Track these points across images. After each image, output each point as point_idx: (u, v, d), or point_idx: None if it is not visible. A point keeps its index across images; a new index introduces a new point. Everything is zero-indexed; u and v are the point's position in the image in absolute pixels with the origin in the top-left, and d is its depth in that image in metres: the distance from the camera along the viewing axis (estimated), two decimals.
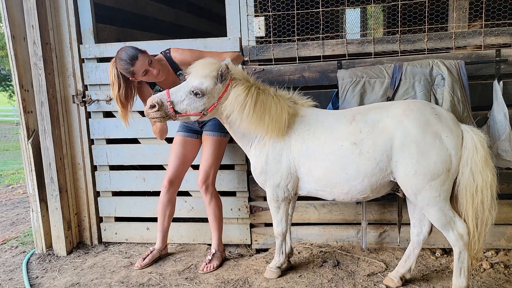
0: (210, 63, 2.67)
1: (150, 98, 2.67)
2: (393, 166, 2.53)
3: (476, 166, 2.43)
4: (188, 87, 2.65)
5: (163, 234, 3.50)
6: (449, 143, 2.45)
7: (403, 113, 2.52)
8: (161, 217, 3.43)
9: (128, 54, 2.84)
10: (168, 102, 2.63)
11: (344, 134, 2.60)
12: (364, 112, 2.66)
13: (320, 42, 3.40)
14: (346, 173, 2.60)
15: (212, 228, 3.41)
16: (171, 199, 3.41)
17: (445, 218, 2.52)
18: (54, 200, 3.72)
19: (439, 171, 2.44)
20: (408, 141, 2.46)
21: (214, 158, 3.24)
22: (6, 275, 3.42)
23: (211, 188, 3.31)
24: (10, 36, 3.52)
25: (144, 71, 2.89)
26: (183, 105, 2.66)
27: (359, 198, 2.71)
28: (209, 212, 3.37)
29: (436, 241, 3.42)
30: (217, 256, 3.36)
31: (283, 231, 2.99)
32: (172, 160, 3.32)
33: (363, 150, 2.54)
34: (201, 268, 3.27)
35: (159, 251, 3.50)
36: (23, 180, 7.23)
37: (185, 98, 2.65)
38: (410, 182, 2.49)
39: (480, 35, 3.19)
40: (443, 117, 2.51)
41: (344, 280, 3.03)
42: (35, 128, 3.72)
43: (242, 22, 3.44)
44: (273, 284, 3.01)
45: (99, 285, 3.16)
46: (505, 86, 3.08)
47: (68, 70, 3.75)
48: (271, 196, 2.88)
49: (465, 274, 2.58)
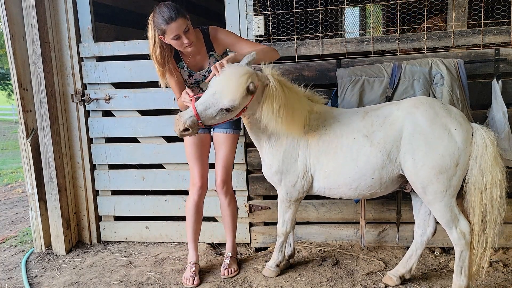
0: (240, 76, 2.43)
1: (180, 120, 2.46)
2: (401, 157, 2.51)
3: (486, 164, 2.41)
4: (219, 105, 2.46)
5: (197, 243, 3.24)
6: (458, 136, 2.42)
7: (413, 105, 2.52)
8: (196, 223, 3.18)
9: (167, 12, 2.59)
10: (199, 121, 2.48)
11: (356, 127, 2.60)
12: (376, 108, 2.67)
13: (319, 41, 3.40)
14: (357, 165, 2.58)
15: (228, 231, 3.25)
16: (203, 202, 3.20)
17: (450, 215, 2.50)
18: (53, 199, 3.72)
19: (447, 165, 2.42)
20: (416, 132, 2.46)
21: (231, 156, 3.11)
22: (5, 274, 3.42)
23: (230, 189, 3.19)
24: (9, 34, 3.51)
25: (176, 35, 2.64)
26: (215, 121, 2.53)
27: (366, 194, 2.68)
28: (226, 214, 3.21)
29: (435, 240, 3.42)
30: (234, 259, 3.25)
31: (288, 231, 2.95)
32: (195, 160, 3.07)
33: (374, 142, 2.53)
34: (222, 273, 3.14)
35: (197, 263, 3.21)
36: (22, 179, 7.22)
37: (216, 115, 2.49)
38: (418, 175, 2.47)
39: (479, 34, 3.19)
40: (453, 112, 2.51)
41: (343, 278, 3.04)
42: (34, 127, 3.71)
43: (241, 21, 3.44)
44: (272, 283, 3.01)
45: (98, 284, 3.16)
46: (504, 85, 3.09)
47: (67, 69, 3.74)
48: (284, 196, 2.82)
49: (466, 273, 2.57)
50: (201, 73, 2.95)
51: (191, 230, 3.18)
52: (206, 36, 2.86)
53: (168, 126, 3.67)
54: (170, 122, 3.65)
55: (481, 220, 2.47)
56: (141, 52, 3.62)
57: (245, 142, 3.53)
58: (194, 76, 2.96)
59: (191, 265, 3.14)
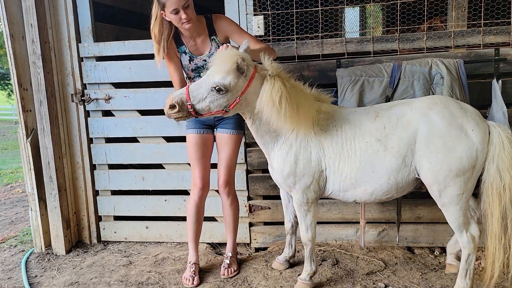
0: (232, 54, 2.43)
1: (169, 97, 2.46)
2: (417, 161, 2.44)
3: (503, 163, 2.34)
4: (210, 83, 2.43)
5: (197, 243, 3.25)
6: (475, 137, 2.36)
7: (427, 106, 2.45)
8: (197, 224, 3.17)
9: None
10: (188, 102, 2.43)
11: (369, 130, 2.52)
12: (387, 108, 2.59)
13: (319, 41, 3.40)
14: (372, 171, 2.51)
15: (229, 231, 3.25)
16: (204, 203, 3.20)
17: (463, 219, 2.46)
18: (53, 199, 3.72)
19: (465, 167, 2.36)
20: (432, 134, 2.38)
21: (234, 157, 3.11)
22: (5, 274, 3.42)
23: (233, 189, 3.20)
24: (9, 34, 3.51)
25: (174, 9, 2.65)
26: (205, 103, 2.45)
27: (382, 198, 2.62)
28: (228, 214, 3.21)
29: (435, 240, 3.43)
30: (233, 259, 3.25)
31: (313, 236, 2.77)
32: (196, 161, 3.06)
33: (388, 146, 2.46)
34: (222, 273, 3.14)
35: (197, 264, 3.21)
36: (22, 179, 7.22)
37: (207, 95, 2.43)
38: (435, 178, 2.41)
39: (479, 34, 3.20)
40: (469, 111, 2.45)
41: (343, 278, 3.04)
42: (34, 127, 3.71)
43: (241, 21, 3.44)
44: (272, 283, 3.01)
45: (98, 284, 3.16)
46: (504, 85, 3.09)
47: (67, 69, 3.74)
48: (300, 199, 2.68)
49: (470, 276, 2.55)
50: (202, 57, 2.95)
51: (191, 231, 3.18)
52: (209, 21, 2.90)
53: (168, 126, 3.67)
54: (170, 122, 3.64)
55: (501, 222, 2.38)
56: (141, 52, 3.62)
57: (245, 142, 3.53)
58: (195, 60, 2.95)
59: (191, 265, 3.14)
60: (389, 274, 3.07)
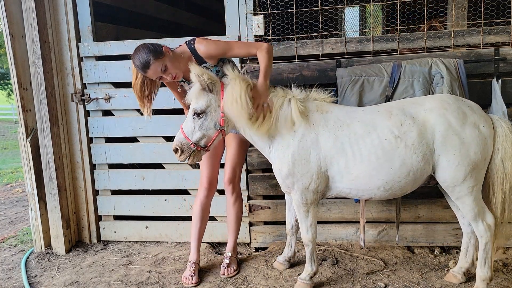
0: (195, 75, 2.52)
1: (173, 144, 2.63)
2: (436, 159, 2.54)
3: (506, 152, 2.53)
4: (191, 113, 2.61)
5: (200, 242, 3.27)
6: (486, 132, 2.52)
7: (441, 106, 2.54)
8: (201, 223, 3.20)
9: (140, 61, 2.60)
10: (190, 142, 2.59)
11: (385, 127, 2.54)
12: (398, 107, 2.62)
13: (319, 40, 3.40)
14: (391, 168, 2.54)
15: (231, 230, 3.26)
16: (210, 203, 3.23)
17: (478, 208, 2.57)
18: (53, 199, 3.72)
19: (479, 161, 2.51)
20: (450, 133, 2.49)
21: (241, 156, 3.13)
22: (5, 274, 3.42)
23: (237, 188, 3.20)
24: (9, 34, 3.51)
25: (156, 78, 2.70)
26: (199, 133, 2.60)
27: (397, 194, 2.67)
28: (231, 213, 3.22)
29: (435, 239, 3.43)
30: (233, 259, 3.25)
31: (314, 237, 2.79)
32: (204, 162, 3.09)
33: (408, 143, 2.51)
34: (222, 272, 3.15)
35: (197, 263, 3.21)
36: (22, 179, 7.22)
37: (194, 125, 2.59)
38: (453, 174, 2.52)
39: (479, 33, 3.19)
40: (475, 108, 2.59)
41: (343, 278, 3.04)
42: (33, 126, 3.71)
43: (241, 21, 3.44)
44: (272, 283, 3.01)
45: (98, 283, 3.16)
46: (504, 85, 3.09)
47: (67, 68, 3.74)
48: (299, 200, 2.70)
49: (489, 265, 2.62)
50: None
51: (195, 229, 3.20)
52: (193, 51, 2.79)
53: (168, 126, 3.67)
54: (170, 122, 3.65)
55: (503, 207, 2.59)
56: None
57: None
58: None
59: (191, 264, 3.14)
60: (389, 273, 3.08)
